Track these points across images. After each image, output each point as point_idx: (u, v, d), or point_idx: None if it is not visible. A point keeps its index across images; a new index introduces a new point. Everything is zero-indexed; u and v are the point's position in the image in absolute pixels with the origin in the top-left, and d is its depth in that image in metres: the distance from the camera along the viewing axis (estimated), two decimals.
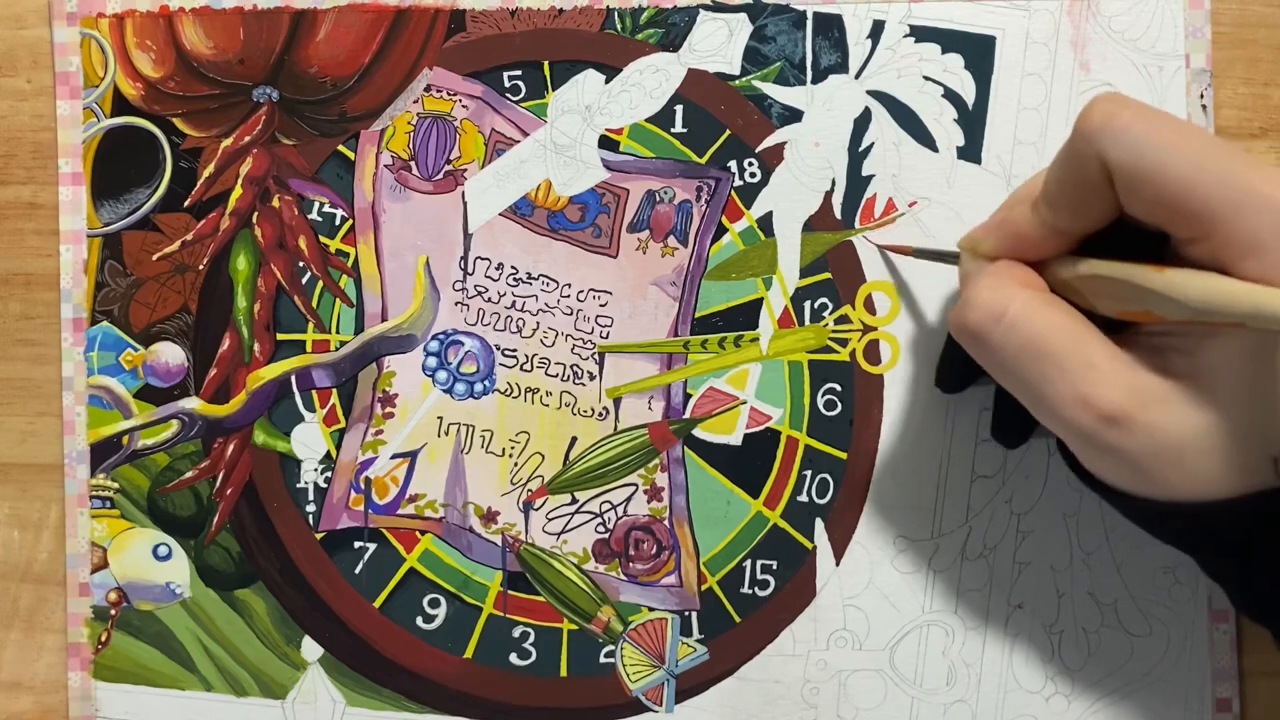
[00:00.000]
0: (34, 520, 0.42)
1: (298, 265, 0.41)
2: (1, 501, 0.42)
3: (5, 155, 0.42)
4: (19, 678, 0.42)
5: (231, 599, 0.41)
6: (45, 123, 0.42)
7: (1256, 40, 0.41)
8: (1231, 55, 0.41)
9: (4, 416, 0.42)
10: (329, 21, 0.41)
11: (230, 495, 0.41)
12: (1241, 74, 0.41)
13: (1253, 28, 0.41)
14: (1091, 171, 0.29)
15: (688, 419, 0.41)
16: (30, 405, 0.42)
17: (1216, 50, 0.40)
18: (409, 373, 0.41)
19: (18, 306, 0.42)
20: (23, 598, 0.42)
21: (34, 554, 0.42)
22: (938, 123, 0.40)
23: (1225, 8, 0.40)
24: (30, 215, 0.42)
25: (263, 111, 0.41)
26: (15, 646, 0.42)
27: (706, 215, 0.41)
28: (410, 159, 0.41)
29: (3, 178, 0.42)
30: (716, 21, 0.41)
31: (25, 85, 0.42)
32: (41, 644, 0.42)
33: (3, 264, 0.42)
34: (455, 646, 0.41)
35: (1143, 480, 0.30)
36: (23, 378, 0.42)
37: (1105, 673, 0.40)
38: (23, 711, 0.42)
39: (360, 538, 0.41)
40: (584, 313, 0.41)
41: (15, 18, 0.42)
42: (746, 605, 0.41)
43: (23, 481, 0.42)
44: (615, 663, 0.41)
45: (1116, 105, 0.29)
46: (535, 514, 0.41)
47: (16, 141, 0.42)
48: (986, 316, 0.31)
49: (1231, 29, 0.41)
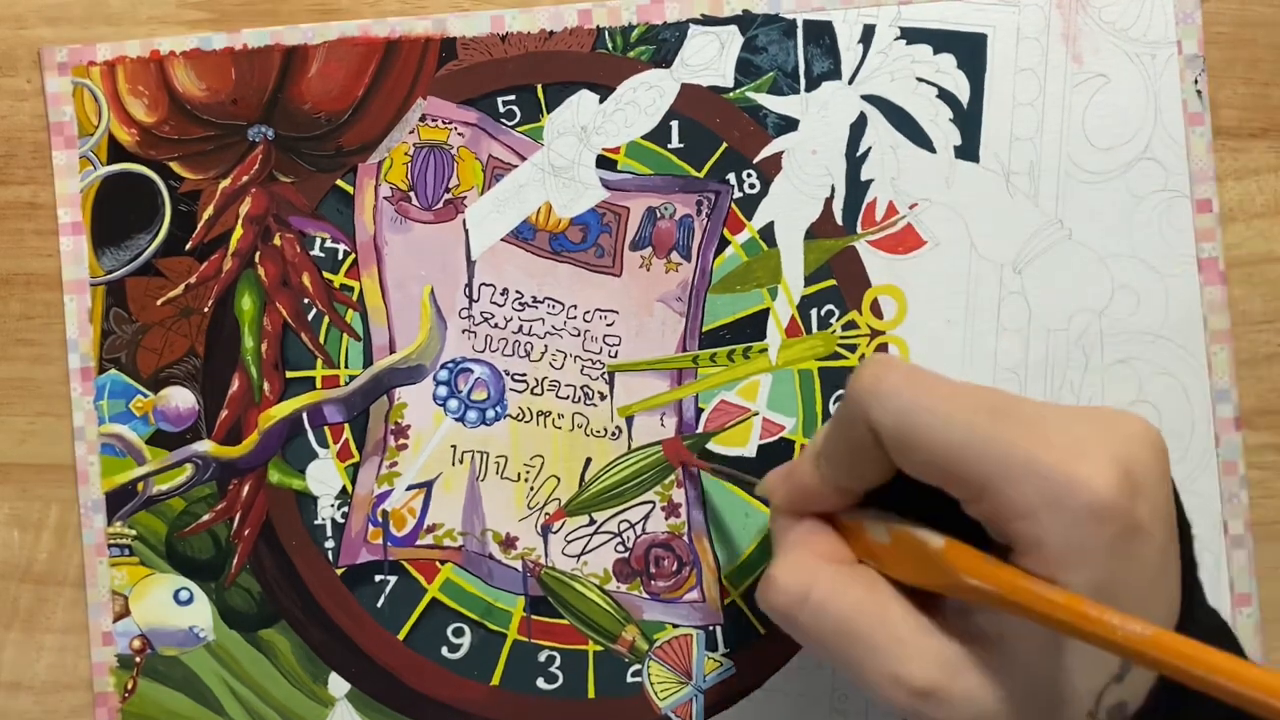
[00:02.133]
0: (34, 520, 0.42)
1: (303, 302, 0.41)
2: (1, 502, 0.42)
3: (5, 155, 0.42)
4: (19, 678, 0.42)
5: (255, 639, 0.41)
6: (45, 123, 0.42)
7: (1256, 40, 0.41)
8: (1231, 55, 0.41)
9: (4, 416, 0.42)
10: (320, 57, 0.41)
11: (248, 536, 0.41)
12: (1241, 74, 0.41)
13: (1253, 28, 0.41)
14: (860, 433, 0.29)
15: (701, 433, 0.41)
16: (30, 405, 0.42)
17: (1217, 50, 0.40)
18: (420, 403, 0.41)
19: (18, 306, 0.42)
20: (22, 598, 0.42)
21: (34, 554, 0.42)
22: (934, 123, 0.40)
23: (1225, 8, 0.40)
24: (30, 215, 0.42)
25: (259, 150, 0.41)
26: (15, 646, 0.42)
27: (708, 229, 0.41)
28: (409, 190, 0.41)
29: (3, 178, 0.42)
30: (707, 35, 0.41)
31: (25, 85, 0.42)
32: (41, 644, 0.42)
33: (3, 264, 0.42)
34: (481, 674, 0.41)
35: None
36: (22, 378, 0.42)
37: None
38: (23, 711, 0.42)
39: (381, 571, 0.41)
40: (591, 333, 0.41)
41: (16, 18, 0.42)
42: None
43: (23, 481, 0.42)
44: (643, 681, 0.41)
45: (884, 369, 0.29)
46: (554, 537, 0.41)
47: (16, 141, 0.42)
48: (790, 601, 0.30)
49: (1231, 29, 0.41)
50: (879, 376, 0.28)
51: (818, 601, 0.30)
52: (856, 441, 0.29)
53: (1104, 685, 0.28)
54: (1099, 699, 0.28)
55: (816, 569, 0.30)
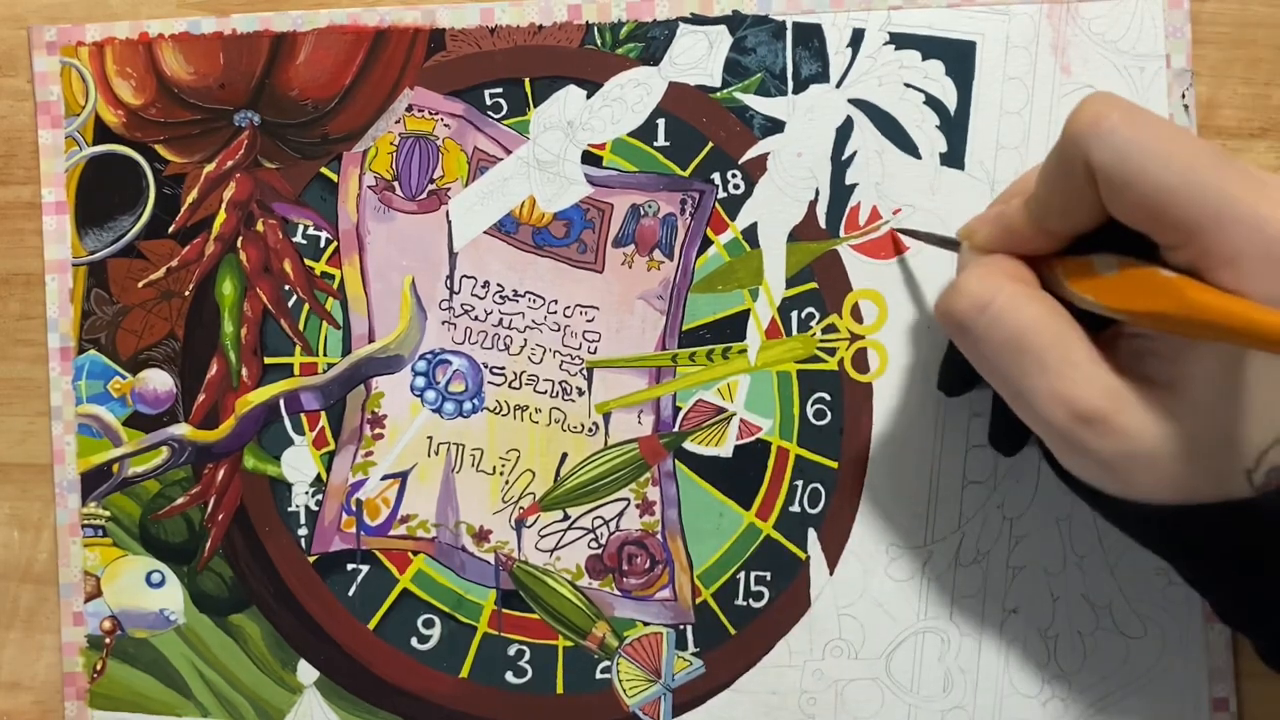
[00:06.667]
0: (34, 520, 0.42)
1: (283, 289, 0.41)
2: (1, 501, 0.42)
3: (5, 155, 0.42)
4: (19, 678, 0.42)
5: (226, 624, 0.41)
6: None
7: (1256, 40, 0.40)
8: (1231, 55, 0.40)
9: (4, 416, 0.42)
10: (309, 44, 0.41)
11: (222, 520, 0.41)
12: (1241, 74, 0.41)
13: (1253, 28, 0.40)
14: (1077, 173, 0.29)
15: (678, 432, 0.41)
16: (30, 405, 0.42)
17: (1217, 50, 0.40)
18: (397, 393, 0.41)
19: (17, 306, 0.42)
20: (23, 598, 0.42)
21: (34, 554, 0.42)
22: (920, 129, 0.40)
23: (1225, 8, 0.40)
24: (30, 215, 0.42)
25: (244, 136, 0.41)
26: (15, 646, 0.42)
27: (691, 228, 0.41)
28: (393, 179, 0.41)
29: (2, 178, 0.42)
30: (696, 34, 0.41)
31: (25, 85, 0.42)
32: (41, 644, 0.42)
33: (3, 264, 0.42)
34: (450, 666, 0.41)
35: (1115, 481, 0.30)
36: (23, 378, 0.42)
37: (1101, 675, 0.40)
38: (22, 711, 0.42)
39: (353, 560, 0.41)
40: (571, 329, 0.41)
41: (15, 18, 0.42)
42: (741, 617, 0.41)
43: (23, 481, 0.42)
44: (611, 678, 0.41)
45: (1106, 106, 0.29)
46: (528, 531, 0.41)
47: (16, 141, 0.42)
48: (972, 306, 0.31)
49: (1231, 29, 0.40)
50: (1100, 114, 0.28)
51: (998, 310, 0.30)
52: (1072, 181, 0.29)
53: (1269, 444, 0.28)
54: (1261, 458, 0.28)
55: (1002, 283, 0.31)
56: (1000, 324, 0.30)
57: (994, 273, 0.32)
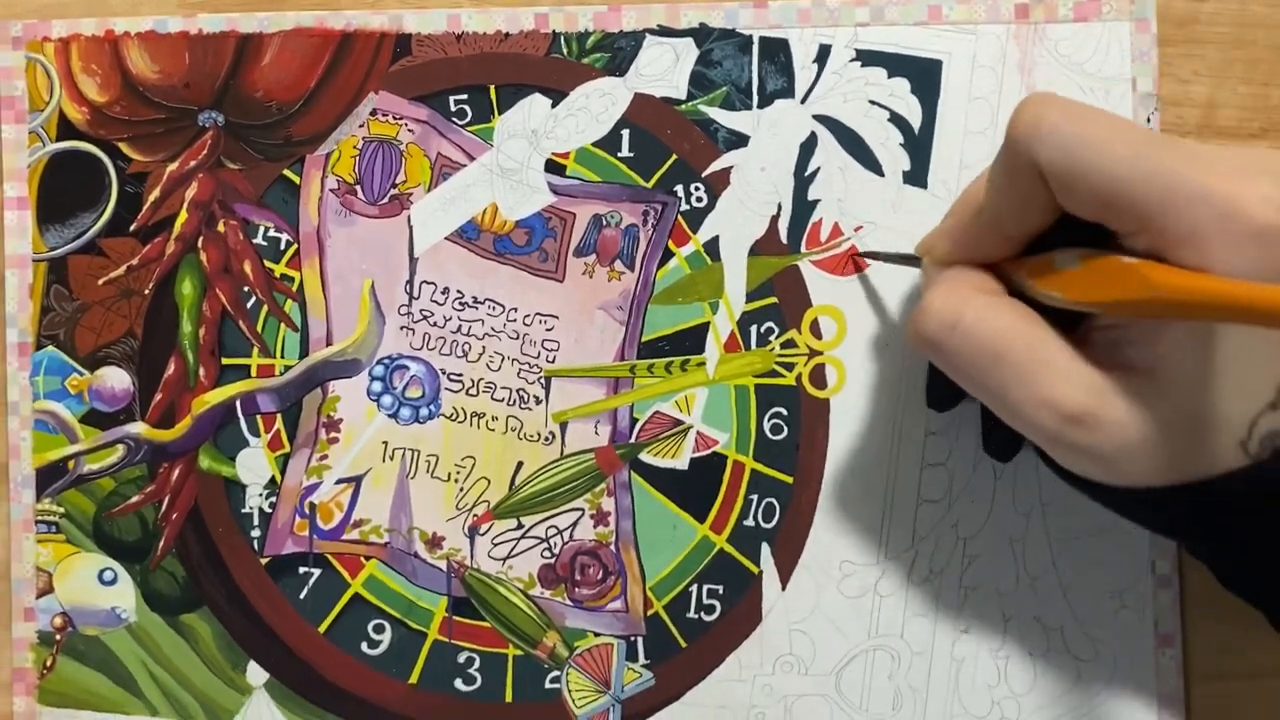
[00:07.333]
0: None
1: (243, 290, 0.41)
2: None
3: None
4: None
5: (177, 624, 0.41)
6: None
7: (1256, 40, 0.40)
8: (1231, 55, 0.40)
9: None
10: (274, 46, 0.41)
11: (176, 520, 0.41)
12: (1241, 74, 0.40)
13: (1253, 28, 0.40)
14: (1025, 175, 0.29)
15: (634, 443, 0.41)
16: None
17: (1217, 50, 0.40)
18: (354, 397, 0.41)
19: None
20: None
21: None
22: (884, 147, 0.40)
23: (1225, 8, 0.40)
24: None
25: (208, 136, 0.41)
26: None
27: (653, 240, 0.41)
28: (355, 183, 0.41)
29: None
30: (663, 46, 0.41)
31: None
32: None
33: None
34: (400, 672, 0.41)
35: (1111, 471, 0.30)
36: None
37: (1051, 697, 0.40)
38: None
39: (305, 563, 0.41)
40: (530, 337, 0.41)
41: (15, 18, 0.42)
42: (693, 630, 0.41)
43: None
44: (561, 688, 0.41)
45: (1043, 107, 0.29)
46: (481, 539, 0.41)
47: None
48: (941, 325, 0.31)
49: (1231, 29, 0.40)
50: (1040, 115, 0.29)
51: (968, 325, 0.30)
52: (1022, 184, 0.30)
53: (1258, 412, 0.28)
54: (1252, 426, 0.28)
55: (969, 297, 0.31)
56: (972, 338, 0.30)
57: (958, 287, 0.32)
